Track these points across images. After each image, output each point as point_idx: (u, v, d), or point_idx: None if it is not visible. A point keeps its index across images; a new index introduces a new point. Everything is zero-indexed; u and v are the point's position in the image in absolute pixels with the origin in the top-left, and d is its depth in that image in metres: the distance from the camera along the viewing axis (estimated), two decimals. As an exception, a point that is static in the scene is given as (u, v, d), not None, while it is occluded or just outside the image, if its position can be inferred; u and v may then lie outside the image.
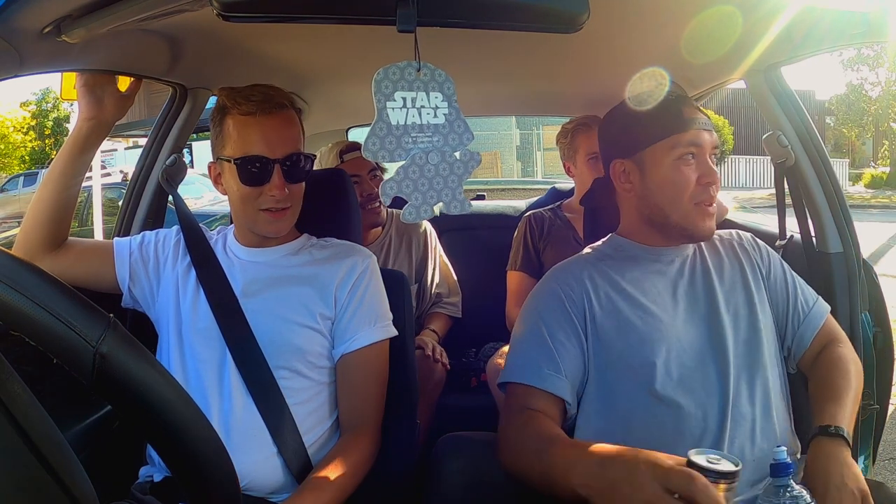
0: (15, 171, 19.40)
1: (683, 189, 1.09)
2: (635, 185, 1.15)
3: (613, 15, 1.27)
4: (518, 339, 1.15)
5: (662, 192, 1.11)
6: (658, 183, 1.11)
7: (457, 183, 0.91)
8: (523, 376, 1.09)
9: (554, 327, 1.11)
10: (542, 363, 1.08)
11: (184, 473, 0.56)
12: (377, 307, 1.24)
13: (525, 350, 1.12)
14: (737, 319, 1.12)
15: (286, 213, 1.20)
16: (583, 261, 1.20)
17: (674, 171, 1.10)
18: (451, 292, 2.21)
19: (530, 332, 1.13)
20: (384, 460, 1.21)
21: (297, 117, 1.22)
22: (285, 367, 1.15)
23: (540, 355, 1.09)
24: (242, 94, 1.15)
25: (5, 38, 0.88)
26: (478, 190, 3.70)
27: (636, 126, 1.13)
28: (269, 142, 1.15)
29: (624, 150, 1.15)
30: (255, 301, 1.19)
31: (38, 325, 0.47)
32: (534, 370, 1.08)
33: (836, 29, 1.23)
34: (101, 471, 1.31)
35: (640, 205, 1.16)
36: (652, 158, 1.11)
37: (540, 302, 1.16)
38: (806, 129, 1.46)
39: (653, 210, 1.14)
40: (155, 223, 1.65)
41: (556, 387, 1.07)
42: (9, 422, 0.43)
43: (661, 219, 1.13)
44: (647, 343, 1.07)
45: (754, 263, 1.20)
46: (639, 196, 1.15)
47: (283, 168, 1.16)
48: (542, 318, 1.12)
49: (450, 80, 0.89)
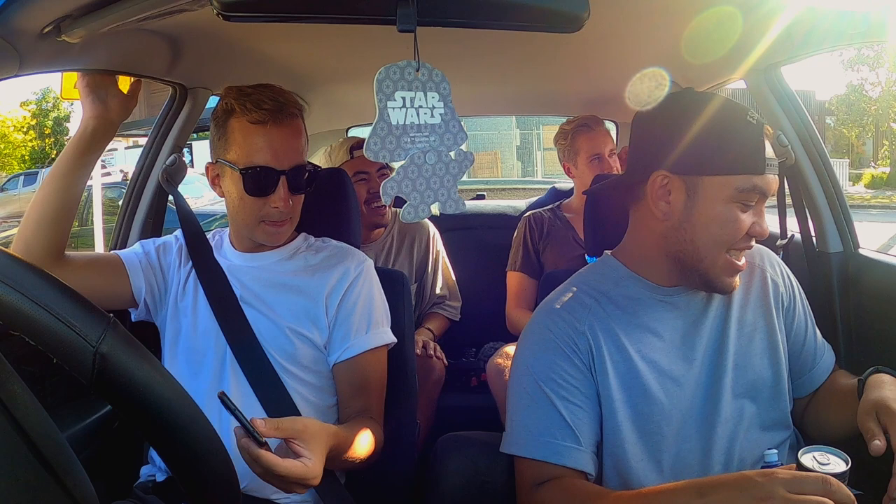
0: (15, 171, 19.39)
1: (731, 234, 0.93)
2: (674, 210, 0.95)
3: (614, 15, 1.27)
4: (520, 406, 0.99)
5: (706, 230, 0.94)
6: (705, 218, 0.93)
7: (452, 182, 0.91)
8: (536, 451, 0.95)
9: (563, 389, 0.96)
10: (557, 434, 0.94)
11: (184, 473, 0.56)
12: (371, 313, 1.22)
13: (532, 420, 0.97)
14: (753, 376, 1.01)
15: (286, 224, 1.19)
16: (579, 306, 1.01)
17: (729, 212, 0.93)
18: (452, 297, 2.21)
19: (533, 397, 0.97)
20: (384, 460, 1.21)
21: (304, 126, 1.19)
22: (283, 371, 1.15)
23: (551, 425, 0.95)
24: (252, 99, 1.11)
25: (5, 38, 0.88)
26: (478, 190, 3.70)
27: (704, 144, 0.93)
28: (276, 152, 1.12)
29: (675, 164, 0.94)
30: (249, 306, 1.18)
31: (38, 325, 0.47)
32: (547, 444, 0.94)
33: (836, 29, 1.23)
34: (102, 471, 1.31)
35: (669, 234, 0.97)
36: (709, 189, 0.93)
37: (540, 360, 0.99)
38: (806, 129, 1.46)
39: (683, 246, 0.96)
40: (155, 223, 1.65)
41: (576, 460, 0.94)
42: (9, 422, 0.43)
43: (689, 259, 0.96)
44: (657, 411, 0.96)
45: (780, 297, 1.07)
46: (674, 225, 0.96)
47: (289, 179, 1.14)
48: (546, 378, 0.96)
49: (446, 80, 0.89)
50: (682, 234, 0.96)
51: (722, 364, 1.00)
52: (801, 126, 1.46)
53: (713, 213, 0.93)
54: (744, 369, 1.01)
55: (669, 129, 0.97)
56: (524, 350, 1.03)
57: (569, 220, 2.17)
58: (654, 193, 0.97)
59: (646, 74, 1.66)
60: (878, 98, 19.09)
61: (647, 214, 1.00)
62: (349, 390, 1.19)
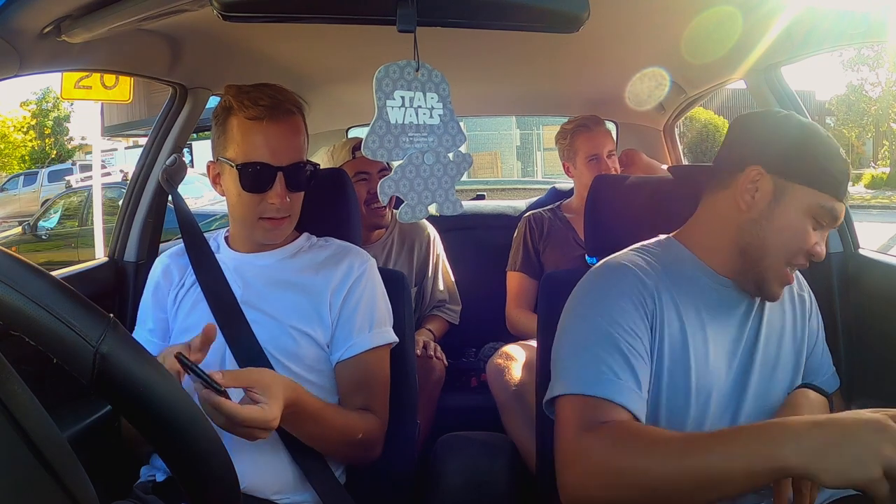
0: (15, 171, 19.41)
1: (798, 245, 0.98)
2: (758, 204, 0.99)
3: (614, 15, 1.28)
4: (578, 347, 0.95)
5: (779, 234, 0.98)
6: (783, 222, 0.98)
7: (450, 183, 0.91)
8: (596, 387, 0.89)
9: (628, 335, 0.94)
10: (619, 374, 0.90)
11: (184, 473, 0.56)
12: (374, 312, 1.22)
13: (592, 359, 0.92)
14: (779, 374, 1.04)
15: (285, 222, 1.19)
16: (647, 267, 1.02)
17: (804, 224, 0.97)
18: (452, 300, 2.21)
19: (597, 337, 0.94)
20: (384, 460, 1.21)
21: (303, 124, 1.19)
22: (285, 370, 1.15)
23: (614, 364, 0.91)
24: (250, 96, 1.12)
25: (5, 38, 0.88)
26: (478, 190, 3.70)
27: (808, 155, 0.98)
28: (273, 149, 1.13)
29: (774, 164, 0.98)
30: (251, 305, 1.18)
31: (38, 325, 0.47)
32: (610, 382, 0.90)
33: (836, 29, 1.23)
34: (102, 471, 1.31)
35: (746, 225, 1.00)
36: (795, 196, 0.97)
37: (607, 303, 0.97)
38: (806, 129, 1.46)
39: (754, 241, 0.99)
40: (155, 223, 1.66)
41: (635, 403, 0.90)
42: (9, 422, 0.43)
43: (754, 256, 1.00)
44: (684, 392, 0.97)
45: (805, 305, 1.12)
46: (753, 218, 0.99)
47: (286, 176, 1.14)
48: (613, 322, 0.94)
49: (445, 81, 0.89)
50: (756, 230, 0.99)
51: (751, 365, 1.02)
52: (801, 126, 1.46)
53: (790, 220, 0.98)
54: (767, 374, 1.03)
55: (778, 131, 1.02)
56: (585, 297, 1.00)
57: (569, 221, 2.16)
58: (744, 185, 1.00)
59: (646, 74, 1.66)
60: (878, 98, 19.08)
61: (728, 204, 1.02)
62: (351, 389, 1.19)
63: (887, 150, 20.16)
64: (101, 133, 7.81)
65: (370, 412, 1.18)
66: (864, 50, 17.94)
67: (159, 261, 1.29)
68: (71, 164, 17.66)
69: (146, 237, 1.64)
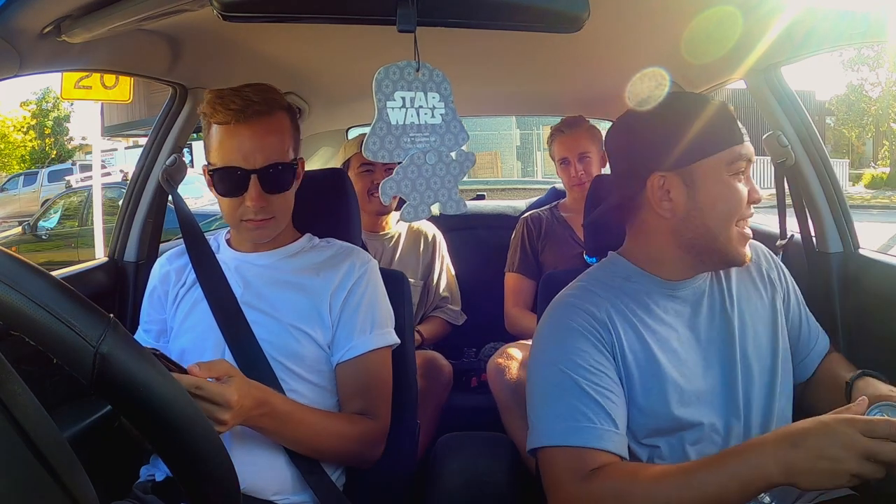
0: (15, 171, 19.42)
1: (737, 207, 0.98)
2: (677, 204, 0.99)
3: (614, 15, 1.28)
4: (548, 399, 0.96)
5: (714, 210, 0.98)
6: (711, 200, 0.98)
7: (453, 183, 0.91)
8: (575, 437, 0.91)
9: (592, 374, 0.95)
10: (594, 419, 0.92)
11: (183, 473, 0.56)
12: (375, 314, 1.21)
13: (564, 409, 0.94)
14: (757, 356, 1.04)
15: (269, 223, 1.18)
16: (595, 297, 1.03)
17: (728, 187, 0.98)
18: (454, 301, 2.22)
19: (562, 386, 0.95)
20: (384, 460, 1.21)
21: (283, 121, 1.16)
22: (285, 370, 1.15)
23: (587, 410, 0.92)
24: (222, 101, 1.11)
25: (5, 38, 0.88)
26: (478, 190, 3.70)
27: (682, 135, 0.98)
28: (245, 152, 1.11)
29: (666, 163, 0.99)
30: (251, 305, 1.18)
31: (38, 325, 0.47)
32: (587, 429, 0.91)
33: (836, 29, 1.23)
34: (102, 470, 1.31)
35: (679, 227, 1.01)
36: (704, 173, 0.98)
37: (563, 348, 0.98)
38: (806, 129, 1.46)
39: (697, 233, 1.00)
40: (155, 223, 1.66)
41: (617, 444, 0.92)
42: (9, 422, 0.43)
43: (707, 242, 1.00)
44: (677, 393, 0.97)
45: (774, 284, 1.12)
46: (681, 217, 1.00)
47: (261, 179, 1.13)
48: (574, 366, 0.95)
49: (447, 80, 0.89)
50: (692, 223, 1.00)
51: (732, 358, 1.02)
52: (801, 126, 1.46)
53: (715, 193, 0.98)
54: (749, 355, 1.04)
55: (647, 136, 1.02)
56: (543, 343, 1.02)
57: (566, 220, 2.17)
58: (655, 196, 1.00)
59: (646, 74, 1.66)
60: (878, 98, 19.10)
61: (653, 218, 1.03)
62: (351, 391, 1.19)
63: (887, 150, 20.17)
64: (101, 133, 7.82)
65: (367, 415, 1.18)
66: (864, 50, 17.96)
67: (158, 265, 1.29)
68: (71, 164, 17.68)
69: (146, 237, 1.64)
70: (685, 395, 0.98)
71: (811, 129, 1.47)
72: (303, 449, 1.11)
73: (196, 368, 0.94)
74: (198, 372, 0.94)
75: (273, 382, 1.12)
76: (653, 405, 0.97)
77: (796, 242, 1.55)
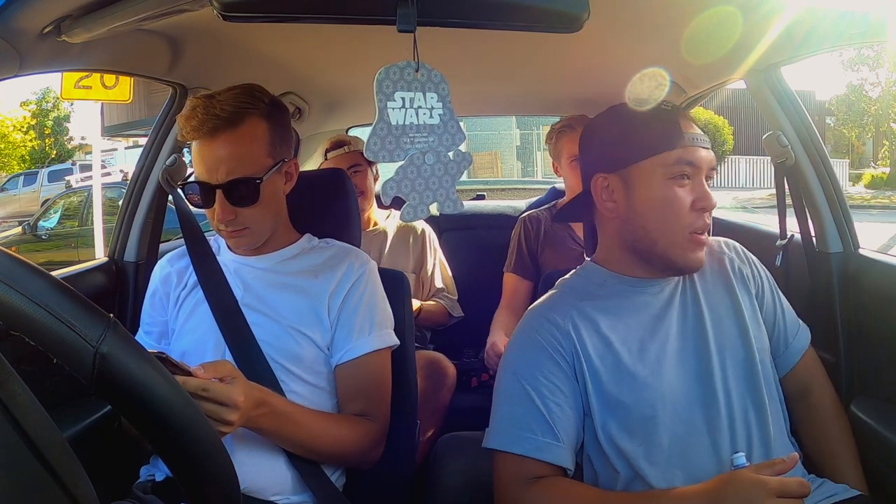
0: (15, 171, 19.42)
1: (676, 212, 0.98)
2: (619, 205, 1.03)
3: (614, 15, 1.28)
4: (501, 403, 1.03)
5: (651, 213, 1.00)
6: (646, 203, 1.00)
7: (450, 183, 0.91)
8: (516, 446, 0.98)
9: (543, 387, 0.99)
10: (536, 430, 0.97)
11: (183, 473, 0.56)
12: (374, 315, 1.21)
13: (512, 416, 1.00)
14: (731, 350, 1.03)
15: (244, 233, 1.17)
16: (564, 305, 1.05)
17: (665, 190, 0.98)
18: (450, 292, 2.24)
19: (515, 394, 1.01)
20: (384, 461, 1.21)
21: (255, 129, 1.13)
22: (284, 372, 1.15)
23: (531, 421, 0.98)
24: (186, 117, 1.10)
25: (5, 38, 0.88)
26: (478, 190, 3.69)
27: (624, 138, 1.02)
28: (208, 167, 1.12)
29: (608, 164, 1.03)
30: (251, 307, 1.18)
31: (38, 325, 0.47)
32: (527, 440, 0.97)
33: (836, 29, 1.23)
34: (102, 470, 1.31)
35: (622, 228, 1.04)
36: (640, 175, 1.00)
37: (523, 358, 1.02)
38: (806, 129, 1.46)
39: (637, 235, 1.02)
40: (155, 223, 1.66)
41: (555, 456, 0.97)
42: (9, 422, 0.43)
43: (646, 245, 1.02)
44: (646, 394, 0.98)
45: (746, 279, 1.11)
46: (622, 218, 1.03)
47: (226, 193, 1.12)
48: (529, 376, 1.00)
49: (445, 80, 0.89)
50: (632, 225, 1.02)
51: (706, 347, 1.02)
52: (801, 126, 1.46)
53: (651, 196, 1.00)
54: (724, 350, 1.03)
55: (596, 136, 1.09)
56: (510, 350, 1.07)
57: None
58: (599, 195, 1.05)
59: (646, 74, 1.66)
60: (878, 98, 19.10)
61: (602, 218, 1.09)
62: (350, 392, 1.19)
63: (887, 150, 20.18)
64: (101, 133, 7.81)
65: (366, 416, 1.18)
66: (864, 50, 17.97)
67: (160, 267, 1.30)
68: (71, 164, 17.68)
69: (146, 237, 1.64)
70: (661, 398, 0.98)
71: (811, 129, 1.47)
72: (302, 450, 1.11)
73: (200, 370, 0.94)
74: (202, 373, 0.94)
75: (273, 384, 1.12)
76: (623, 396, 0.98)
77: (796, 242, 1.55)
